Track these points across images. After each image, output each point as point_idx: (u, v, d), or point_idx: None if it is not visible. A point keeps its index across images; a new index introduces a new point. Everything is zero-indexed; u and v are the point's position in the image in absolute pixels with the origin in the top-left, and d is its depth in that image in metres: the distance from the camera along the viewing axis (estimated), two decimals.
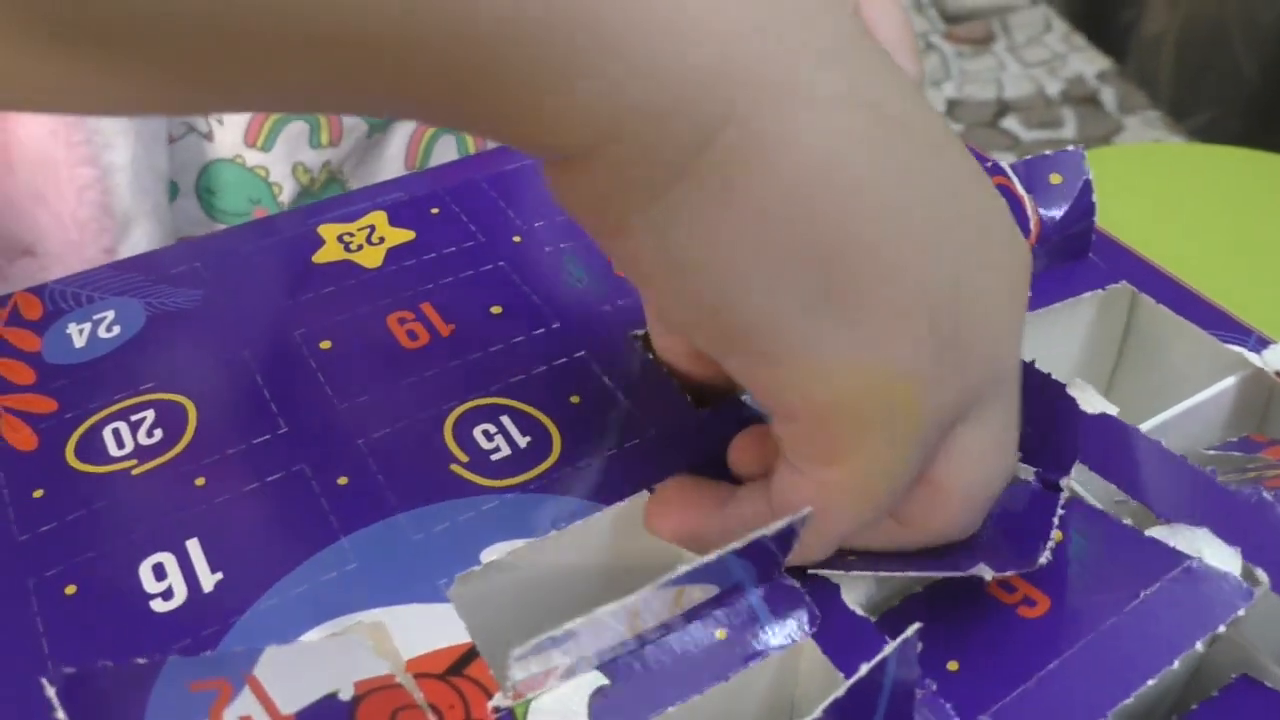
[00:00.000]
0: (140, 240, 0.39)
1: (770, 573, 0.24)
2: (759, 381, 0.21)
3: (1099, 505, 0.26)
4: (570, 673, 0.22)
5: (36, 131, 0.37)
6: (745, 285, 0.19)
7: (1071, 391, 0.27)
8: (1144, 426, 0.30)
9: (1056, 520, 0.24)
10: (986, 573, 0.22)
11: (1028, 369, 0.28)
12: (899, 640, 0.20)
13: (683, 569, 0.22)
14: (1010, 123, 1.51)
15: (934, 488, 0.23)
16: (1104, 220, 0.35)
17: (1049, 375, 0.28)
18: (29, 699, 0.22)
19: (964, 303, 0.20)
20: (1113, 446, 0.27)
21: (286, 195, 0.43)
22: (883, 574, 0.24)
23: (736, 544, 0.22)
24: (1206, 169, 0.62)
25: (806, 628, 0.24)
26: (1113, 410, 0.27)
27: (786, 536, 0.23)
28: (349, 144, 0.44)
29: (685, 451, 0.27)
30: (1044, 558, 0.23)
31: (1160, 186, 0.60)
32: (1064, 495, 0.25)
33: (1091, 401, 0.28)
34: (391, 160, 0.46)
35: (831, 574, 0.25)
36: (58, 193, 0.37)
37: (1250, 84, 1.40)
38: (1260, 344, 0.31)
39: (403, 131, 0.46)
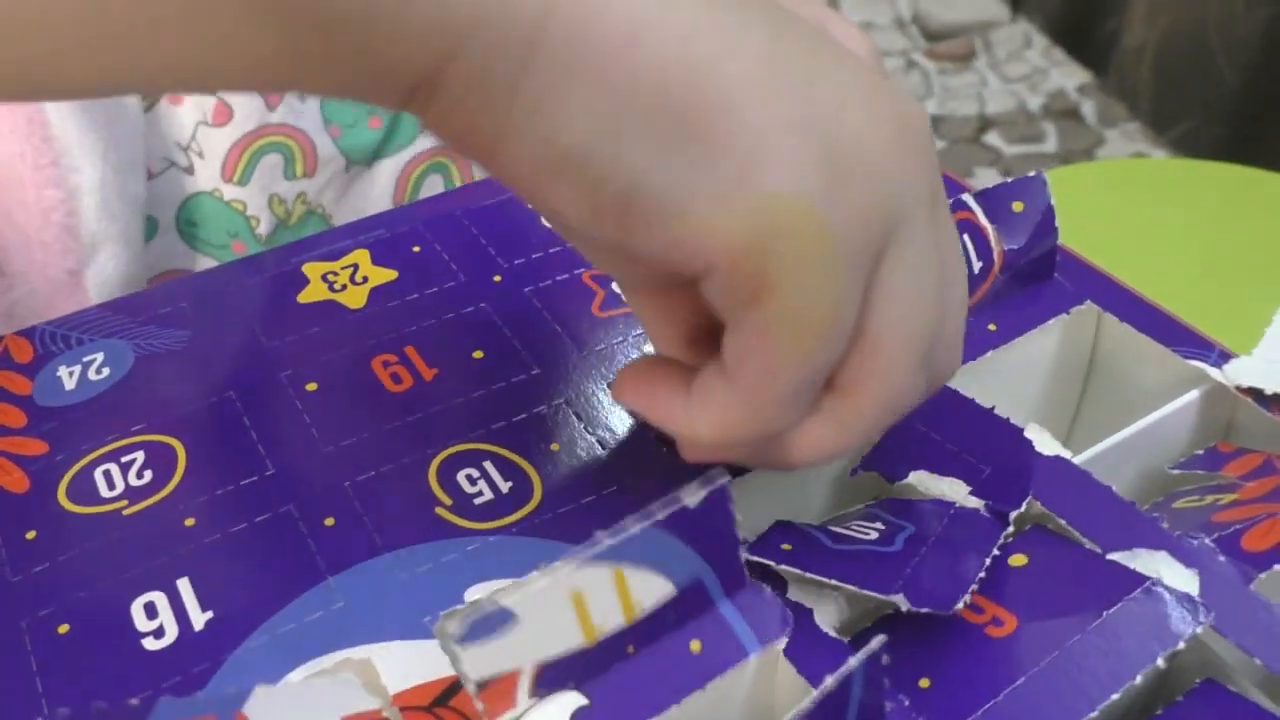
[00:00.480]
0: (107, 264, 0.39)
1: (739, 581, 0.25)
2: (667, 250, 0.22)
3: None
4: (538, 687, 0.23)
5: (4, 152, 0.37)
6: (615, 152, 0.20)
7: (1028, 434, 0.29)
8: (1107, 443, 0.31)
9: (996, 551, 0.25)
10: (903, 604, 0.23)
11: (986, 414, 0.29)
12: (864, 653, 0.21)
13: (606, 540, 0.22)
14: (992, 138, 1.53)
15: (865, 339, 0.23)
16: (1083, 236, 0.35)
17: (1007, 420, 0.29)
18: None
19: (836, 131, 0.21)
20: (1064, 487, 0.28)
21: (264, 228, 0.44)
22: (810, 575, 0.24)
23: (659, 514, 0.22)
24: (1184, 183, 0.63)
25: (780, 631, 0.25)
26: (1065, 453, 0.29)
27: (709, 507, 0.23)
28: (325, 176, 0.45)
29: (659, 497, 0.28)
30: (960, 605, 0.24)
31: (1139, 202, 0.61)
32: (1010, 529, 0.26)
33: (1047, 444, 0.29)
34: (379, 197, 0.47)
35: (779, 569, 0.25)
36: (25, 213, 0.38)
37: (1231, 93, 1.42)
38: (1222, 358, 0.32)
39: (390, 167, 0.47)
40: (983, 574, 0.25)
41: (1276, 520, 0.27)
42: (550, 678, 0.23)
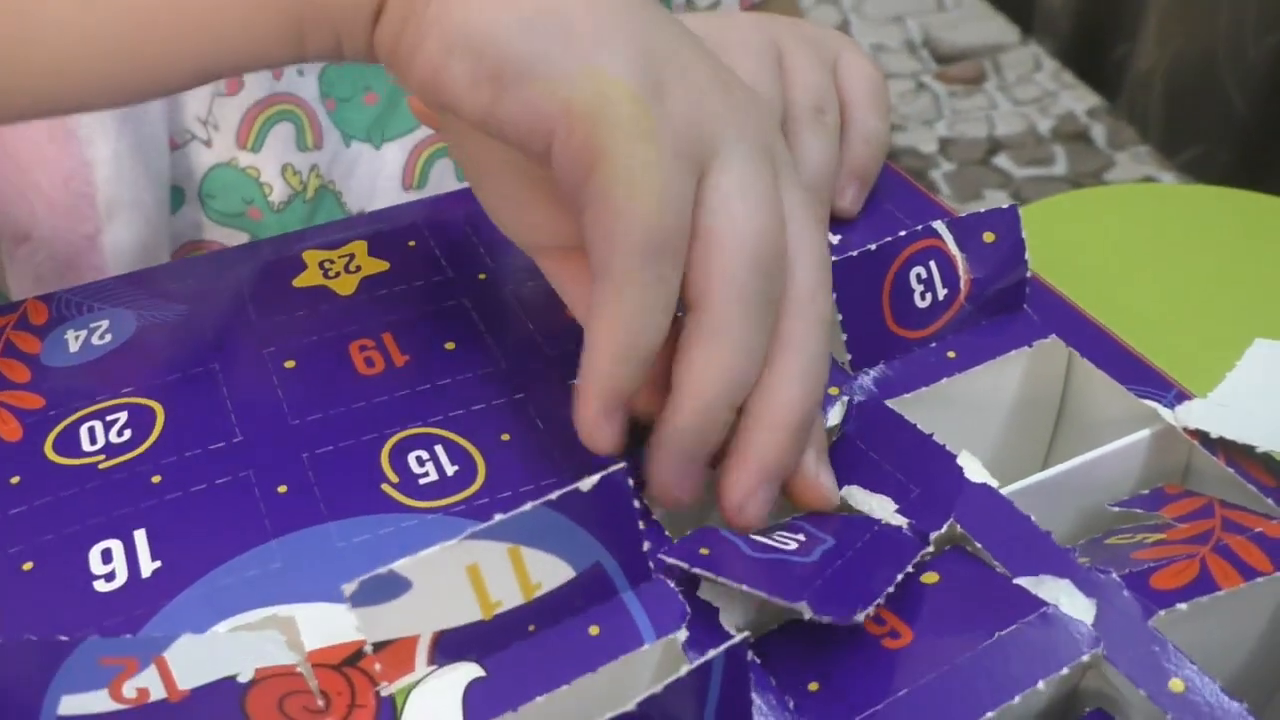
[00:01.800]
0: (123, 231, 0.42)
1: (643, 573, 0.26)
2: (524, 114, 0.27)
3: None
4: (436, 655, 0.24)
5: (30, 125, 0.41)
6: (496, 30, 0.26)
7: (960, 461, 0.29)
8: (1051, 471, 0.31)
9: (910, 568, 0.26)
10: (806, 611, 0.24)
11: (924, 439, 0.30)
12: (726, 646, 0.22)
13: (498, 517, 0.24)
14: (1002, 160, 1.53)
15: (701, 238, 0.27)
16: (1082, 261, 0.36)
17: (942, 446, 0.30)
18: None
19: (670, 59, 0.27)
20: (986, 513, 0.28)
21: (277, 196, 0.46)
22: (721, 579, 0.25)
23: (551, 496, 0.24)
24: (1191, 209, 0.62)
25: (679, 623, 0.26)
26: (993, 482, 0.29)
27: (603, 493, 0.25)
28: (330, 150, 0.47)
29: None
30: (860, 616, 0.25)
31: (1144, 227, 0.61)
32: (929, 548, 0.27)
33: (976, 472, 0.29)
34: (389, 179, 0.48)
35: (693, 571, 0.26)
36: (48, 180, 0.41)
37: (1239, 118, 1.42)
38: (1179, 399, 0.33)
39: (398, 149, 0.48)
40: (891, 589, 0.25)
41: (1194, 561, 0.28)
42: (449, 647, 0.25)
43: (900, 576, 0.26)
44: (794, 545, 0.28)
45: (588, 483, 0.24)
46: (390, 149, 0.48)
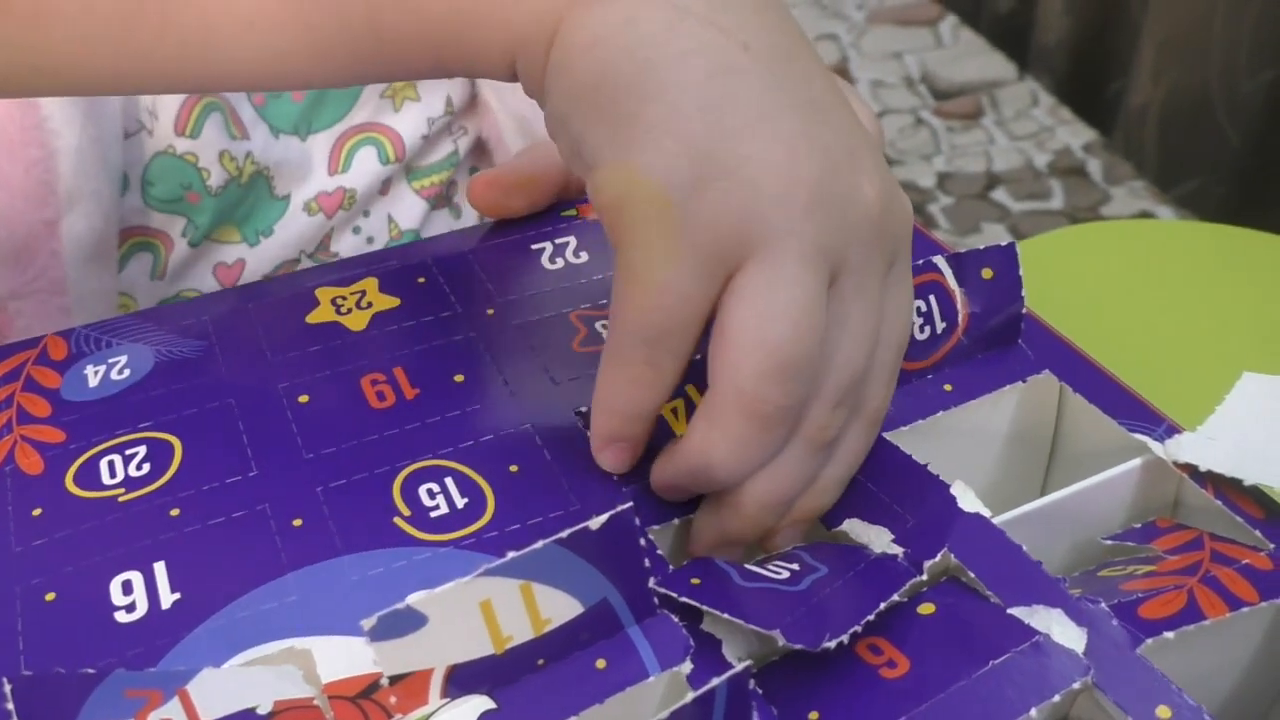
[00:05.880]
0: (79, 220, 0.43)
1: (649, 609, 0.27)
2: (590, 192, 0.29)
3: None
4: (449, 688, 0.25)
5: None
6: (574, 117, 0.29)
7: (953, 491, 0.30)
8: (1042, 501, 0.32)
9: (905, 599, 0.27)
10: (779, 639, 0.25)
11: (919, 469, 0.31)
12: (729, 674, 0.23)
13: (511, 555, 0.25)
14: (1000, 195, 1.55)
15: (720, 331, 0.28)
16: (1078, 295, 0.37)
17: (936, 476, 0.31)
18: None
19: (724, 145, 0.27)
20: (980, 543, 0.29)
21: (215, 180, 0.47)
22: (707, 608, 0.26)
23: (563, 534, 0.25)
24: (1185, 245, 0.63)
25: (683, 656, 0.26)
26: (985, 513, 0.30)
27: (611, 531, 0.25)
28: (259, 140, 0.48)
29: None
30: (831, 644, 0.25)
31: (1138, 262, 0.62)
32: (924, 576, 0.28)
33: (970, 502, 0.30)
34: (317, 166, 0.50)
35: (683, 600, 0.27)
36: (10, 165, 0.42)
37: (1234, 153, 1.44)
38: (1169, 433, 0.33)
39: (325, 139, 0.50)
40: (872, 617, 0.26)
41: (1182, 592, 0.28)
42: (462, 681, 0.26)
43: (884, 605, 0.27)
44: (786, 575, 0.29)
45: (596, 522, 0.25)
46: (318, 139, 0.50)
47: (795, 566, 0.29)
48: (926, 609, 0.28)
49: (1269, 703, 0.32)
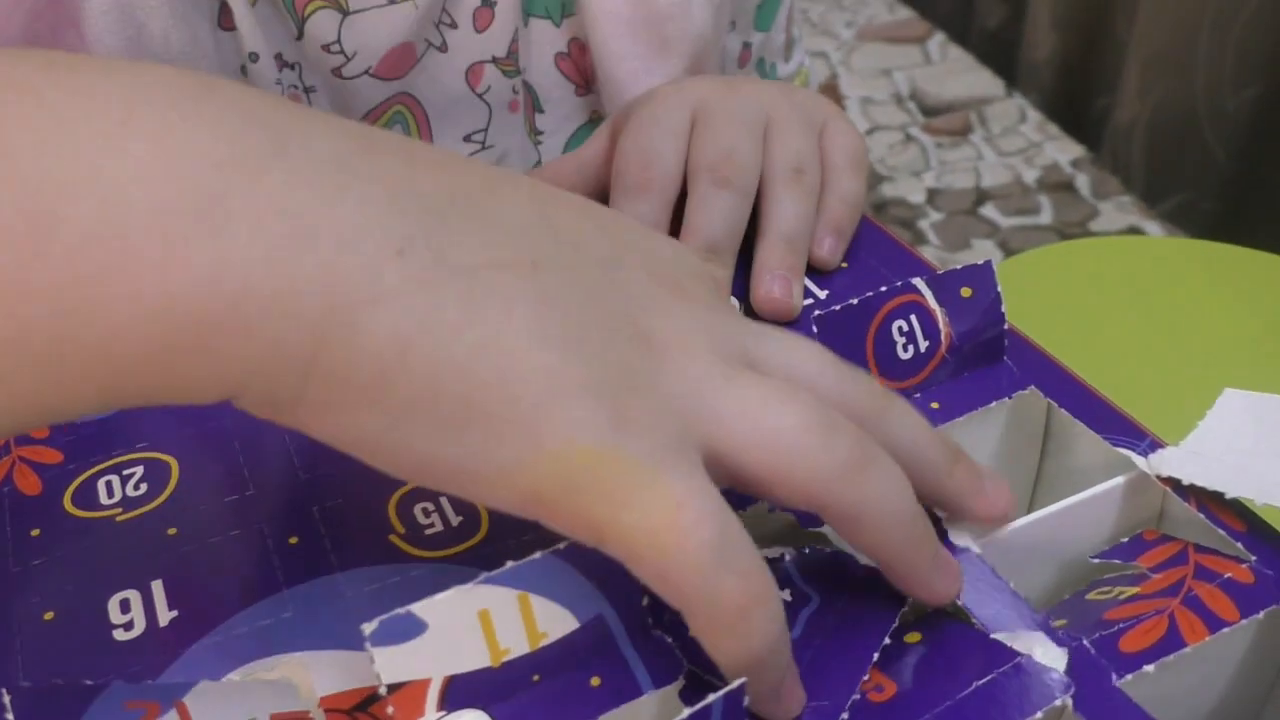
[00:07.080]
0: None
1: (643, 629, 0.27)
2: (484, 500, 0.24)
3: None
4: (446, 700, 0.25)
5: None
6: (403, 440, 0.23)
7: (945, 525, 0.31)
8: (1029, 517, 0.32)
9: (887, 640, 0.27)
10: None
11: None
12: (724, 691, 0.23)
13: (510, 565, 0.25)
14: (989, 210, 1.56)
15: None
16: (1065, 311, 0.37)
17: (929, 508, 0.31)
18: None
19: (610, 360, 0.24)
20: (968, 578, 0.30)
21: None
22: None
23: (559, 545, 0.25)
24: (1170, 261, 0.64)
25: (677, 674, 0.27)
26: (975, 549, 0.30)
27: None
28: None
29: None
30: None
31: (1125, 278, 0.63)
32: (905, 607, 0.28)
33: (961, 537, 0.31)
34: None
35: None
36: None
37: (1220, 168, 1.46)
38: (1152, 448, 0.34)
39: None
40: (866, 676, 0.27)
41: (1163, 618, 0.29)
42: (457, 693, 0.26)
43: (876, 656, 0.27)
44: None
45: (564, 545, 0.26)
46: None
47: (787, 595, 0.29)
48: (913, 638, 0.29)
49: (1251, 718, 0.32)
